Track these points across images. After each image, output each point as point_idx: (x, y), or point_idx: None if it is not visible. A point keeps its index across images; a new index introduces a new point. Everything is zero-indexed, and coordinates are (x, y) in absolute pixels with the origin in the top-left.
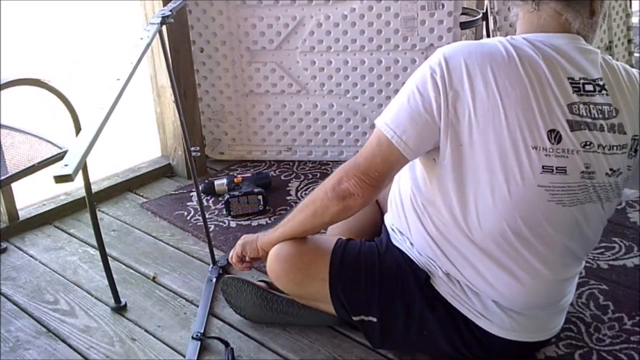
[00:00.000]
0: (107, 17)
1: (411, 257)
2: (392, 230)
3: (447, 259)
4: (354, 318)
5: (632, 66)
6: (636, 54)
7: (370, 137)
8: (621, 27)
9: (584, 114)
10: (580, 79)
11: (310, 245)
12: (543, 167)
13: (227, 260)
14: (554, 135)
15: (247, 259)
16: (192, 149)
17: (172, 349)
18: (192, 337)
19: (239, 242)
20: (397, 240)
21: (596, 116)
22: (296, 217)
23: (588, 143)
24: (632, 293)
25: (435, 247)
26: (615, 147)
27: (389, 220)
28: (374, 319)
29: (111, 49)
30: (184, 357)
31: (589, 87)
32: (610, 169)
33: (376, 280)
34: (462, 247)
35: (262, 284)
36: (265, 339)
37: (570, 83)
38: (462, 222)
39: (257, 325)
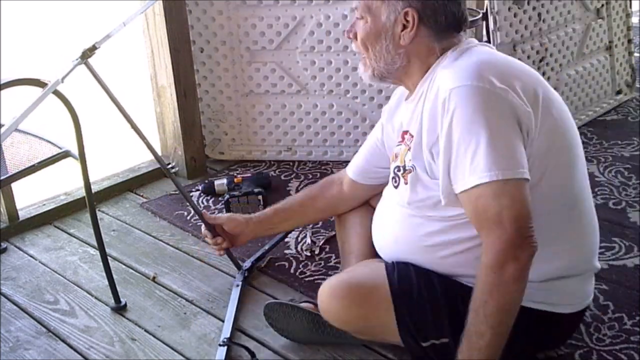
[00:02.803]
0: (107, 17)
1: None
2: None
3: None
4: (424, 344)
5: (631, 66)
6: (636, 54)
7: (497, 195)
8: (621, 27)
9: None
10: None
11: (362, 276)
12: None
13: (252, 263)
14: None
15: None
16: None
17: (172, 349)
18: (219, 344)
19: None
20: None
21: None
22: (498, 332)
23: None
24: (632, 293)
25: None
26: None
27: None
28: (446, 340)
29: (111, 49)
30: (184, 357)
31: None
32: None
33: (439, 298)
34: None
35: (310, 305)
36: (266, 339)
37: None
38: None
39: (257, 325)
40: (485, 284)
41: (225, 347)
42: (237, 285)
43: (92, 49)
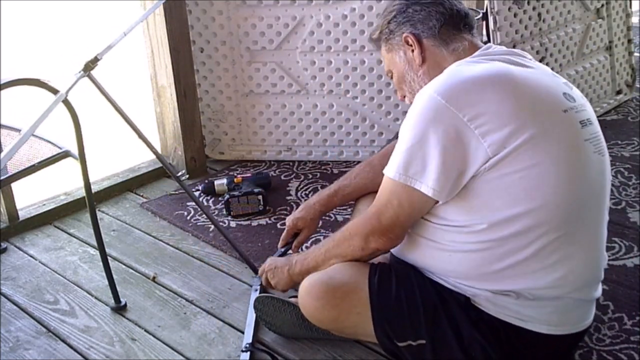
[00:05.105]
0: (107, 17)
1: (447, 286)
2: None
3: (502, 282)
4: (400, 344)
5: (632, 66)
6: (636, 54)
7: (390, 189)
8: (621, 27)
9: None
10: None
11: (343, 278)
12: (580, 122)
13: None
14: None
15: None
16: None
17: (172, 349)
18: (242, 350)
19: (267, 267)
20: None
21: None
22: (323, 252)
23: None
24: (632, 293)
25: (484, 279)
26: None
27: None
28: (423, 341)
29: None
30: (184, 357)
31: None
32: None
33: (418, 302)
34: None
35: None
36: (266, 339)
37: None
38: (527, 224)
39: (257, 326)
40: (347, 237)
41: (248, 353)
42: (256, 290)
43: (94, 61)
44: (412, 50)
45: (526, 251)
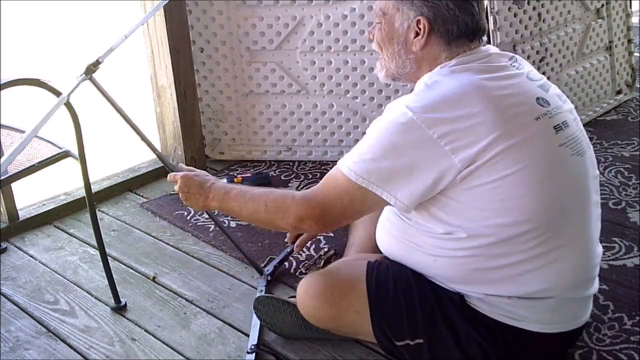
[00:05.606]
0: (107, 17)
1: (441, 285)
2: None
3: (490, 286)
4: (398, 343)
5: (632, 66)
6: (636, 54)
7: (344, 186)
8: (621, 27)
9: None
10: None
11: (341, 276)
12: (554, 127)
13: (274, 266)
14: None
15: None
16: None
17: (172, 349)
18: (247, 352)
19: (180, 183)
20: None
21: None
22: (249, 207)
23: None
24: (632, 293)
25: (476, 281)
26: None
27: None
28: (421, 341)
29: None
30: (184, 357)
31: None
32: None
33: (415, 301)
34: (512, 259)
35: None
36: (266, 339)
37: None
38: (510, 231)
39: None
40: (282, 209)
41: (254, 354)
42: (261, 291)
43: (96, 64)
44: (416, 34)
45: (511, 257)
